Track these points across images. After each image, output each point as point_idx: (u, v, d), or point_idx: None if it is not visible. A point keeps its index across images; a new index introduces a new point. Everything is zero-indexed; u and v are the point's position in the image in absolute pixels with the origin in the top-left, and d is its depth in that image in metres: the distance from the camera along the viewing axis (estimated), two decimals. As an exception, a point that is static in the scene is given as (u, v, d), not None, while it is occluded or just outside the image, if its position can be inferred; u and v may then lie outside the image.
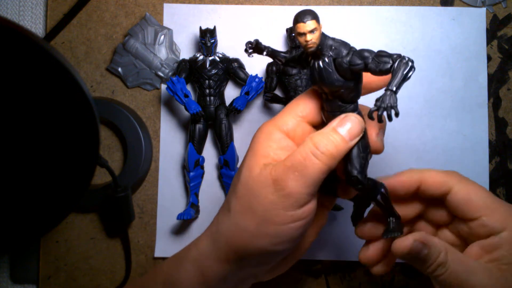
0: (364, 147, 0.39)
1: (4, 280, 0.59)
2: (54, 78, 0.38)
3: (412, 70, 0.34)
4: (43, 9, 0.60)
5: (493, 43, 0.58)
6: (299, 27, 0.37)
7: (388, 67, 0.35)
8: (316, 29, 0.37)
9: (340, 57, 0.37)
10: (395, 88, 0.34)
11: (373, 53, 0.36)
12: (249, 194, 0.38)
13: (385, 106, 0.33)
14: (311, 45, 0.37)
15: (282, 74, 0.56)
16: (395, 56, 0.35)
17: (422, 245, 0.38)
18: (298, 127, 0.40)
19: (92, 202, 0.57)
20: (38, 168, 0.40)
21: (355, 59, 0.36)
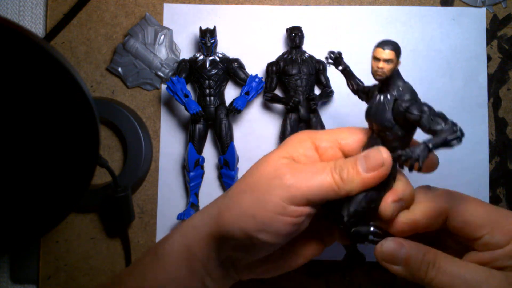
0: (371, 200, 0.38)
1: (4, 280, 0.59)
2: (54, 78, 0.38)
3: (457, 141, 0.33)
4: (43, 9, 0.60)
5: (493, 43, 0.58)
6: (377, 51, 0.36)
7: (438, 128, 0.34)
8: (392, 60, 0.36)
9: (401, 99, 0.36)
10: (431, 145, 0.33)
11: (432, 110, 0.35)
12: (256, 175, 0.39)
13: (411, 156, 0.33)
14: (381, 73, 0.36)
15: (282, 74, 0.56)
16: (450, 122, 0.34)
17: (394, 244, 0.37)
18: (330, 150, 0.40)
19: (92, 202, 0.57)
20: (38, 168, 0.40)
21: (413, 109, 0.36)
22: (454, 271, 0.36)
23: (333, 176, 0.37)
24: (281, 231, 0.38)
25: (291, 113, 0.55)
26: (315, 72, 0.56)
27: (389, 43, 0.36)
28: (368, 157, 0.37)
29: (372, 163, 0.37)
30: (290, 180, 0.37)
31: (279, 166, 0.38)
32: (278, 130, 0.57)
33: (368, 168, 0.37)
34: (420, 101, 0.37)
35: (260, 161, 0.40)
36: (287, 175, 0.37)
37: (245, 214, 0.38)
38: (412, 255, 0.37)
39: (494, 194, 0.57)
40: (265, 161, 0.39)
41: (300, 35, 0.56)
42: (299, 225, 0.38)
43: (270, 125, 0.58)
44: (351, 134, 0.40)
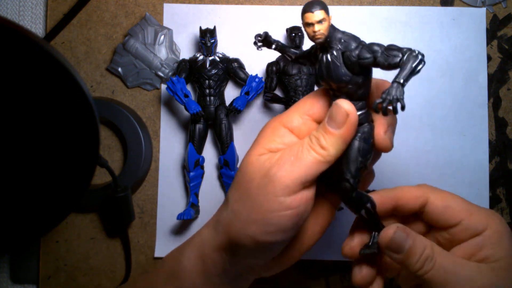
0: (365, 151, 0.38)
1: (4, 280, 0.59)
2: (54, 78, 0.38)
3: (422, 63, 0.34)
4: (43, 9, 0.60)
5: (493, 43, 0.58)
6: (307, 17, 0.36)
7: (397, 61, 0.34)
8: (324, 19, 0.36)
9: (349, 50, 0.36)
10: (403, 80, 0.33)
11: (382, 47, 0.35)
12: (244, 181, 0.39)
13: (390, 98, 0.33)
14: (319, 36, 0.36)
15: (282, 74, 0.56)
16: (405, 49, 0.34)
17: (404, 234, 0.38)
18: (304, 125, 0.40)
19: (92, 202, 0.57)
20: (38, 168, 0.40)
21: (364, 53, 0.36)
22: (449, 267, 0.37)
23: (313, 149, 0.37)
24: (286, 226, 0.37)
25: (291, 113, 0.55)
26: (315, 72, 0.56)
27: (315, 3, 0.36)
28: (332, 116, 0.37)
29: (339, 119, 0.37)
30: (277, 174, 0.37)
31: (261, 164, 0.38)
32: (278, 130, 0.57)
33: (338, 125, 0.37)
34: (366, 43, 0.36)
35: (243, 165, 0.40)
36: (272, 170, 0.37)
37: (247, 222, 0.38)
38: (415, 247, 0.37)
39: (494, 194, 0.57)
40: (247, 163, 0.39)
41: (300, 35, 0.56)
42: (302, 214, 0.38)
43: (270, 125, 0.58)
44: (313, 102, 0.40)
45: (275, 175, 0.37)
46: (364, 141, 0.38)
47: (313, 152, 0.37)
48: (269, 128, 0.40)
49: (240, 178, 0.39)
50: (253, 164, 0.39)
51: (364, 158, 0.38)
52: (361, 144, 0.38)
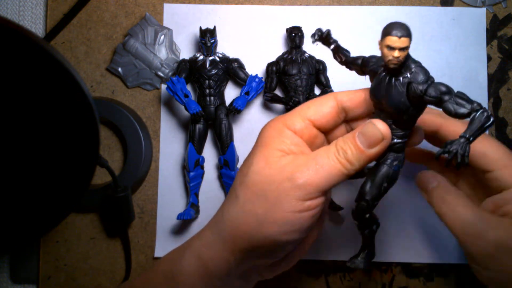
0: (392, 180, 0.39)
1: (4, 280, 0.59)
2: (54, 78, 0.38)
3: (491, 123, 0.33)
4: (43, 9, 0.60)
5: (493, 43, 0.58)
6: (391, 40, 0.34)
7: (464, 113, 0.33)
8: (407, 47, 0.35)
9: (416, 82, 0.35)
10: (472, 138, 0.32)
11: (451, 91, 0.35)
12: (263, 181, 0.38)
13: (456, 153, 0.32)
14: (396, 62, 0.35)
15: (282, 74, 0.56)
16: (476, 104, 0.33)
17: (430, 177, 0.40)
18: (305, 130, 0.40)
19: (92, 202, 0.57)
20: (38, 168, 0.40)
21: (432, 91, 0.35)
22: (468, 216, 0.38)
23: (339, 161, 0.38)
24: (303, 227, 0.38)
25: (291, 113, 0.55)
26: (315, 72, 0.56)
27: (402, 28, 0.34)
28: (366, 134, 0.37)
29: (371, 140, 0.37)
30: (301, 179, 0.37)
31: (282, 167, 0.38)
32: (278, 130, 0.57)
33: (369, 145, 0.37)
34: (434, 80, 0.36)
35: (258, 165, 0.39)
36: (297, 174, 0.37)
37: (264, 221, 0.38)
38: (437, 188, 0.40)
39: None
40: (264, 164, 0.39)
41: (300, 35, 0.56)
42: (317, 215, 0.39)
43: (270, 125, 0.58)
44: (318, 108, 0.40)
45: (299, 180, 0.37)
46: (394, 169, 0.38)
47: (339, 164, 0.37)
48: (274, 129, 0.40)
49: (254, 178, 0.39)
50: (271, 166, 0.39)
51: (389, 185, 0.39)
52: (391, 171, 0.38)
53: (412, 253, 0.56)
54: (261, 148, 0.40)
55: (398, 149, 0.39)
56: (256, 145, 0.41)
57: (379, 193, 0.39)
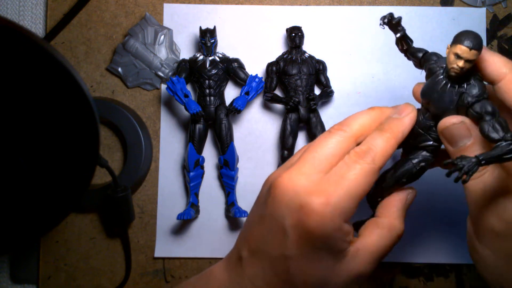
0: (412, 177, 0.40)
1: (4, 280, 0.59)
2: (54, 78, 0.38)
3: (510, 157, 0.33)
4: (43, 9, 0.60)
5: (493, 43, 0.58)
6: (461, 49, 0.34)
7: (495, 138, 0.34)
8: (474, 60, 0.35)
9: (469, 94, 0.36)
10: (484, 161, 0.32)
11: (495, 114, 0.35)
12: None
13: (461, 168, 0.32)
14: (458, 71, 0.35)
15: (282, 74, 0.56)
16: (509, 135, 0.33)
17: (467, 131, 0.37)
18: None
19: (92, 202, 0.57)
20: (38, 168, 0.40)
21: (477, 107, 0.35)
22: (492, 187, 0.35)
23: (395, 242, 0.40)
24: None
25: (291, 113, 0.55)
26: (315, 72, 0.56)
27: (475, 40, 0.34)
28: (410, 203, 0.41)
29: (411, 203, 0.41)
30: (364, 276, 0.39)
31: (351, 271, 0.39)
32: (278, 130, 0.57)
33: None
34: (486, 98, 0.36)
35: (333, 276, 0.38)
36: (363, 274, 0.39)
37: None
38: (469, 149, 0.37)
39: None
40: (338, 273, 0.38)
41: (300, 35, 0.56)
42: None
43: (270, 125, 0.58)
44: (367, 190, 0.39)
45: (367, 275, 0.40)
46: (417, 168, 0.39)
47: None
48: (334, 226, 0.37)
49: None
50: (346, 275, 0.39)
51: (408, 181, 0.40)
52: (414, 170, 0.39)
53: (412, 253, 0.56)
54: (325, 254, 0.37)
55: (430, 150, 0.40)
56: (315, 247, 0.37)
57: (396, 184, 0.40)
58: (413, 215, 0.56)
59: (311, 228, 0.36)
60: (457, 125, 0.37)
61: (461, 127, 0.37)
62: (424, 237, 0.56)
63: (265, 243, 0.38)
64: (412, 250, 0.56)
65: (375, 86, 0.57)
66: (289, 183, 0.37)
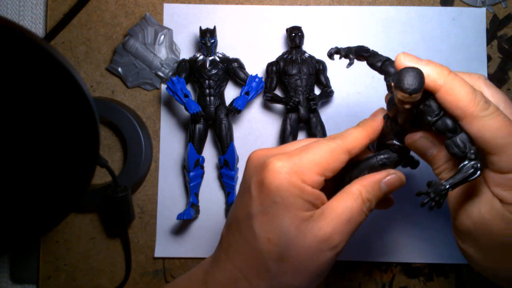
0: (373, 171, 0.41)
1: (4, 280, 0.59)
2: (54, 78, 0.38)
3: (475, 178, 0.35)
4: (43, 9, 0.60)
5: (493, 43, 0.58)
6: (402, 95, 0.34)
7: (458, 155, 0.36)
8: (419, 99, 0.35)
9: (428, 114, 0.37)
10: (451, 188, 0.35)
11: (456, 130, 0.36)
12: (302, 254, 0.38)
13: (433, 198, 0.35)
14: (409, 107, 0.36)
15: (282, 74, 0.56)
16: (472, 153, 0.35)
17: (429, 144, 0.39)
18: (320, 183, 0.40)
19: (92, 202, 0.57)
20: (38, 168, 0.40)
21: (439, 125, 0.36)
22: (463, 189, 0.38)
23: (365, 212, 0.40)
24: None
25: (291, 113, 0.55)
26: (315, 72, 0.56)
27: (414, 82, 0.34)
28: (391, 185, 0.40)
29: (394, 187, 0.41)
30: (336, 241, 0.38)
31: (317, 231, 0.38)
32: (278, 130, 0.57)
33: (390, 191, 0.41)
34: (445, 115, 0.36)
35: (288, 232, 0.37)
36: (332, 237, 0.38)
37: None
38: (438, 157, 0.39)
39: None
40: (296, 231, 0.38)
41: (300, 35, 0.56)
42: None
43: (270, 125, 0.58)
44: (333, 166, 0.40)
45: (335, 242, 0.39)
46: (381, 165, 0.41)
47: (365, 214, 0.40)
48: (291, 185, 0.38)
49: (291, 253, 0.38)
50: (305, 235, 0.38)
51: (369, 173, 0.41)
52: (376, 164, 0.41)
53: (412, 253, 0.56)
54: (284, 210, 0.38)
55: (395, 149, 0.41)
56: (274, 203, 0.38)
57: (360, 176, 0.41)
58: (413, 215, 0.56)
59: (268, 180, 0.38)
60: (418, 140, 0.39)
61: (423, 141, 0.39)
62: (424, 237, 0.56)
63: (237, 210, 0.40)
64: (412, 250, 0.56)
65: (375, 86, 0.57)
66: (262, 151, 0.41)
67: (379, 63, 0.41)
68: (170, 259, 0.58)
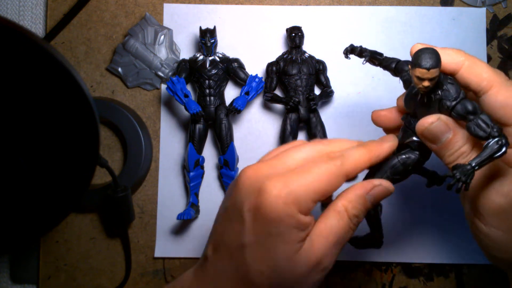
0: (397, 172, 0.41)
1: (4, 280, 0.59)
2: (54, 78, 0.38)
3: (503, 155, 0.34)
4: (43, 9, 0.60)
5: (493, 43, 0.58)
6: (420, 72, 0.35)
7: (482, 136, 0.35)
8: (438, 76, 0.36)
9: (447, 99, 0.37)
10: (478, 166, 0.34)
11: (477, 111, 0.36)
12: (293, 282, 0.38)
13: (459, 178, 0.34)
14: (426, 90, 0.36)
15: (282, 74, 0.56)
16: (495, 130, 0.34)
17: (446, 127, 0.37)
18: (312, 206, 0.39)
19: (92, 202, 0.57)
20: (38, 168, 0.40)
21: (458, 108, 0.36)
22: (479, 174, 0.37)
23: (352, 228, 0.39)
24: None
25: (291, 113, 0.55)
26: (315, 72, 0.56)
27: (431, 58, 0.35)
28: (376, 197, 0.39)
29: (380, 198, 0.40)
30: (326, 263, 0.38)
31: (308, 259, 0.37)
32: (278, 130, 0.57)
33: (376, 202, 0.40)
34: (464, 98, 0.37)
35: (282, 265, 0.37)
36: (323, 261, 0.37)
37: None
38: (453, 140, 0.38)
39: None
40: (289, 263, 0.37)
41: (300, 35, 0.56)
42: None
43: (270, 125, 0.58)
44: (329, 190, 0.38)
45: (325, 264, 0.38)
46: (402, 164, 0.40)
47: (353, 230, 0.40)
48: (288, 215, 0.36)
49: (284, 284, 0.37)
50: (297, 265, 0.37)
51: (392, 175, 0.41)
52: (398, 164, 0.40)
53: (412, 253, 0.56)
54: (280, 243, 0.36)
55: (415, 147, 0.41)
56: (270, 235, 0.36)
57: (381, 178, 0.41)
58: (413, 215, 0.56)
59: (264, 210, 0.36)
60: (435, 123, 0.38)
61: (439, 124, 0.38)
62: (424, 237, 0.56)
63: (226, 235, 0.38)
64: (412, 250, 0.56)
65: (375, 86, 0.57)
66: (254, 172, 0.38)
67: (394, 64, 0.41)
68: (170, 259, 0.58)
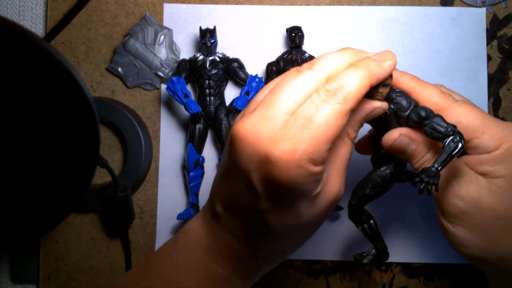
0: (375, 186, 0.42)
1: (4, 280, 0.59)
2: (54, 78, 0.38)
3: (460, 150, 0.36)
4: (43, 9, 0.60)
5: (493, 43, 0.58)
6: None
7: (438, 137, 0.37)
8: (390, 83, 0.38)
9: (400, 110, 0.39)
10: (440, 167, 0.36)
11: (429, 116, 0.38)
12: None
13: (426, 181, 0.35)
14: (380, 98, 0.38)
15: (282, 74, 0.56)
16: (450, 130, 0.36)
17: (408, 139, 0.39)
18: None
19: (92, 202, 0.57)
20: (38, 168, 0.40)
21: (413, 117, 0.39)
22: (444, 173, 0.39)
23: (351, 148, 0.40)
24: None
25: (291, 113, 0.55)
26: None
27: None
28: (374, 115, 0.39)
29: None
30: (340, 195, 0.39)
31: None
32: (278, 130, 0.57)
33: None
34: (416, 105, 0.39)
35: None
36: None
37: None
38: (417, 151, 0.40)
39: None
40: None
41: (300, 35, 0.56)
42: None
43: (270, 125, 0.58)
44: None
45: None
46: (381, 178, 0.42)
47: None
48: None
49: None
50: None
51: (372, 191, 0.42)
52: (376, 178, 0.42)
53: (412, 253, 0.56)
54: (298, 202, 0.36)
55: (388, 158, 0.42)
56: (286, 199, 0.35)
57: (363, 195, 0.42)
58: (413, 216, 0.56)
59: (280, 180, 0.33)
60: (398, 139, 0.40)
61: (401, 139, 0.40)
62: (424, 237, 0.56)
63: (237, 198, 0.37)
64: (412, 250, 0.56)
65: (375, 86, 0.58)
66: (251, 131, 0.34)
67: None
68: (170, 259, 0.58)
